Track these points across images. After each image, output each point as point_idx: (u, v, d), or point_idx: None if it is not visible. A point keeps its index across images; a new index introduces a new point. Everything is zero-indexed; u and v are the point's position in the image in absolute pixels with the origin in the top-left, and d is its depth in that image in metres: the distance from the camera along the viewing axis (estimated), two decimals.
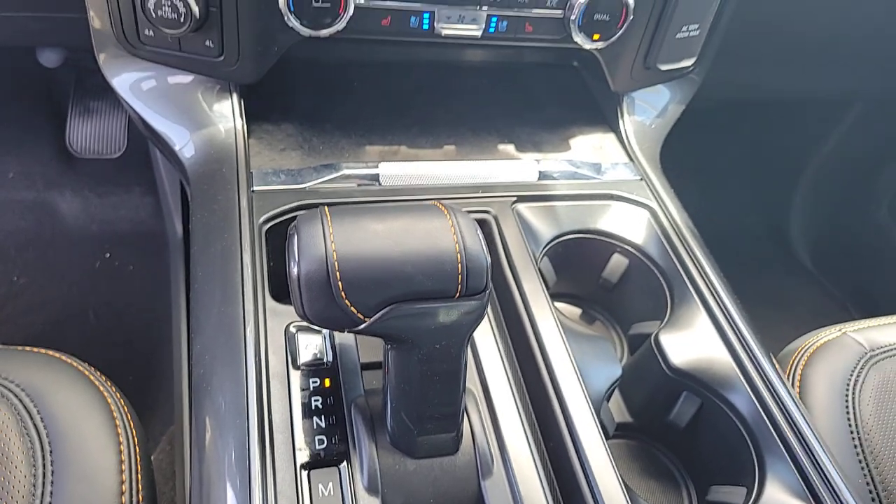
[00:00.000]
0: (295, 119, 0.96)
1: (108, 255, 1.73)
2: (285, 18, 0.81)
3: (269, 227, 0.81)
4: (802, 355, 0.90)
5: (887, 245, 1.88)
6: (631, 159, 1.00)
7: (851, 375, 0.87)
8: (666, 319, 0.83)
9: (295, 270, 0.55)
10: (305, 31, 0.82)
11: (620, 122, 1.03)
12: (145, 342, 1.56)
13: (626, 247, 0.91)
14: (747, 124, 1.98)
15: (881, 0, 1.22)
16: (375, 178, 0.89)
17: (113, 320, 1.61)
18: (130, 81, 0.89)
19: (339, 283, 0.54)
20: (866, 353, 0.90)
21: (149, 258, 1.70)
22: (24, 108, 1.84)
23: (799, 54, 1.40)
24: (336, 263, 0.54)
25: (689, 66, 1.02)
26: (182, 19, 0.80)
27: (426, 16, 0.87)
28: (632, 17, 0.89)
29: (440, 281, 0.56)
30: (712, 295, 0.83)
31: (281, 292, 0.75)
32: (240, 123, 0.89)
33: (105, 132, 1.82)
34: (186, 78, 0.90)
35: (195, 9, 0.79)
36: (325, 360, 0.71)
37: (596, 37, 0.90)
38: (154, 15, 0.79)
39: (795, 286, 1.91)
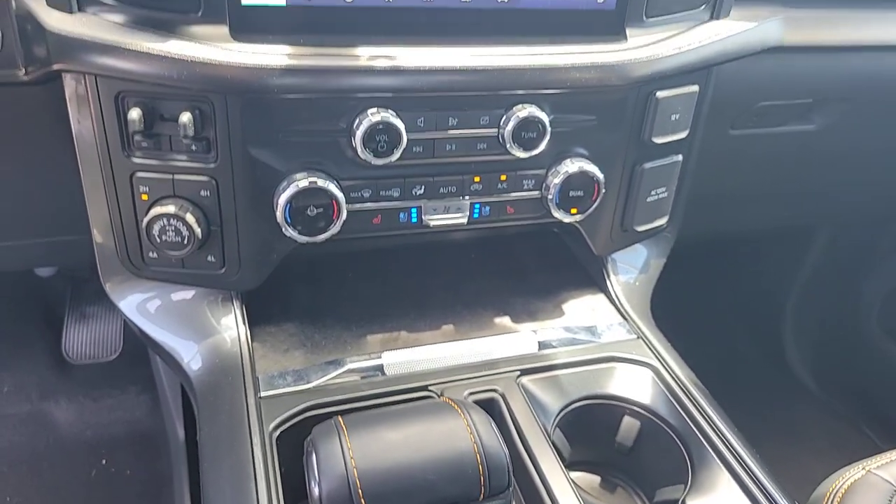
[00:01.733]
0: (295, 317, 0.99)
1: (104, 461, 1.68)
2: (283, 229, 0.86)
3: (280, 434, 0.80)
4: (831, 503, 0.88)
5: (884, 359, 1.89)
6: (624, 318, 1.03)
7: None
8: (689, 484, 0.81)
9: (316, 491, 0.55)
10: (303, 239, 0.87)
11: (608, 283, 1.08)
12: None
13: (635, 408, 0.91)
14: (723, 259, 2.05)
15: (832, 135, 1.31)
16: (380, 368, 0.90)
17: None
18: (136, 303, 0.92)
19: (362, 500, 0.54)
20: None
21: (147, 461, 1.65)
22: (18, 321, 1.86)
23: (759, 193, 1.48)
24: (357, 480, 0.54)
25: (663, 225, 1.09)
26: (185, 241, 0.84)
27: (413, 210, 0.92)
28: (604, 191, 0.95)
29: (463, 485, 0.56)
30: (730, 451, 0.82)
31: (297, 500, 0.74)
32: (243, 331, 0.91)
33: (101, 336, 1.83)
34: (189, 293, 0.93)
35: (198, 231, 0.84)
36: None
37: (574, 211, 0.96)
38: (159, 240, 0.84)
39: (806, 414, 1.89)
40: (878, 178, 1.49)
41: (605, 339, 0.99)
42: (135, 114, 0.78)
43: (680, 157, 1.04)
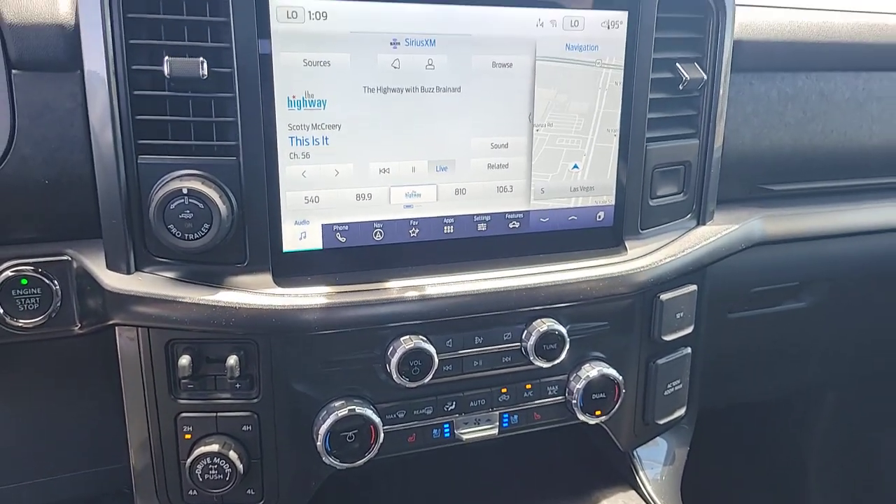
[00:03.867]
0: None
1: None
2: (322, 457, 0.88)
3: None
4: None
5: None
6: None
7: None
8: None
9: None
10: (342, 465, 0.89)
11: (638, 480, 1.09)
12: None
13: None
14: (737, 429, 2.05)
15: (823, 309, 1.39)
16: None
17: None
18: None
19: None
20: None
21: None
22: None
23: (761, 366, 1.53)
24: None
25: (682, 415, 1.12)
26: (227, 478, 0.86)
27: (446, 426, 0.96)
28: (625, 391, 1.00)
29: None
30: None
31: None
32: None
33: None
34: None
35: (240, 466, 0.86)
36: None
37: (598, 413, 1.00)
38: (201, 479, 0.85)
39: None
40: (871, 343, 1.56)
41: None
42: (185, 360, 0.83)
43: (689, 350, 1.10)
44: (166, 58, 0.78)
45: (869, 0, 1.23)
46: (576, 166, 0.98)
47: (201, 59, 0.78)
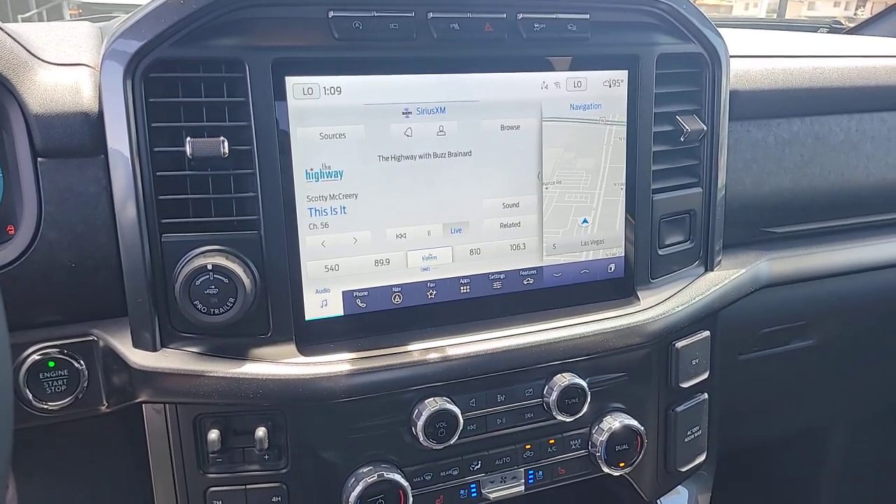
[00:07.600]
0: None
1: None
2: None
3: None
4: None
5: None
6: None
7: None
8: None
9: None
10: None
11: None
12: None
13: None
14: (753, 470, 2.04)
15: (831, 346, 1.41)
16: None
17: None
18: None
19: None
20: None
21: None
22: None
23: (771, 405, 1.54)
24: None
25: (703, 462, 1.12)
26: None
27: (473, 486, 0.96)
28: (647, 441, 1.00)
29: None
30: None
31: None
32: None
33: None
34: None
35: None
36: None
37: (622, 465, 1.00)
38: None
39: None
40: (883, 378, 1.57)
41: None
42: (213, 434, 0.83)
43: (706, 396, 1.11)
44: (188, 138, 0.80)
45: (856, 43, 1.27)
46: (585, 221, 1.00)
47: (222, 138, 0.81)
